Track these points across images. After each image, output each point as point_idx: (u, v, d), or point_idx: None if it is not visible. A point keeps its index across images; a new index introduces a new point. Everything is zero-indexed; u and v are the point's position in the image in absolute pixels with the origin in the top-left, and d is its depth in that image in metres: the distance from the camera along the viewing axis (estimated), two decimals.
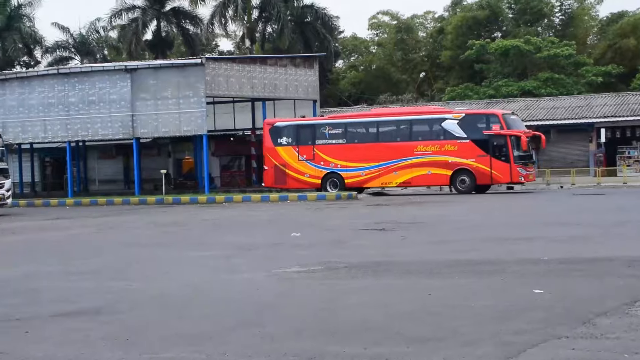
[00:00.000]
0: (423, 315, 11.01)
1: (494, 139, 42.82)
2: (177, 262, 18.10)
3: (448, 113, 44.97)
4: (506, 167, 42.58)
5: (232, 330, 10.51)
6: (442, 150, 43.72)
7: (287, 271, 15.95)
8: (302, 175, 46.81)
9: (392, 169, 44.85)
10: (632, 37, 77.57)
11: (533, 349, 8.99)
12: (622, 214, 27.69)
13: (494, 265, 15.52)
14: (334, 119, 48.44)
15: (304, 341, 9.78)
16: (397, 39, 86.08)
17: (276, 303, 12.48)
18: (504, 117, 43.40)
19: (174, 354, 9.40)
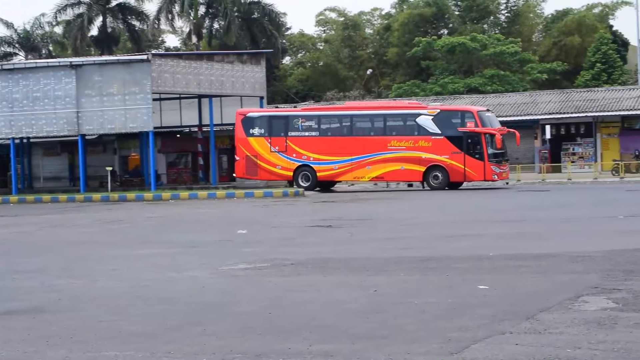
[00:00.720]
0: (369, 312, 11.01)
1: (468, 136, 42.58)
2: (122, 260, 17.96)
3: (423, 109, 44.51)
4: (480, 164, 42.34)
5: (177, 329, 10.45)
6: (416, 146, 43.35)
7: (233, 269, 15.91)
8: (273, 167, 46.28)
9: (364, 164, 44.45)
10: (576, 34, 78.25)
11: (477, 344, 9.03)
12: (566, 211, 27.97)
13: (440, 262, 15.59)
14: (308, 111, 48.05)
15: (250, 339, 9.75)
16: (344, 35, 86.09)
17: (222, 301, 12.44)
18: (479, 114, 43.12)
19: (118, 352, 9.32)
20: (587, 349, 8.66)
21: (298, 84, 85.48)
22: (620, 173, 50.41)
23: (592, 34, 76.71)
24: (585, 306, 10.95)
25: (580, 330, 9.53)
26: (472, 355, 8.59)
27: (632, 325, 9.72)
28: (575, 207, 29.79)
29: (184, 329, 10.41)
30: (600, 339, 9.07)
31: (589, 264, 14.63)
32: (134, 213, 34.34)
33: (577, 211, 27.58)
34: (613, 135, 56.19)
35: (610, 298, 11.41)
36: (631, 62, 78.41)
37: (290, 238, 21.59)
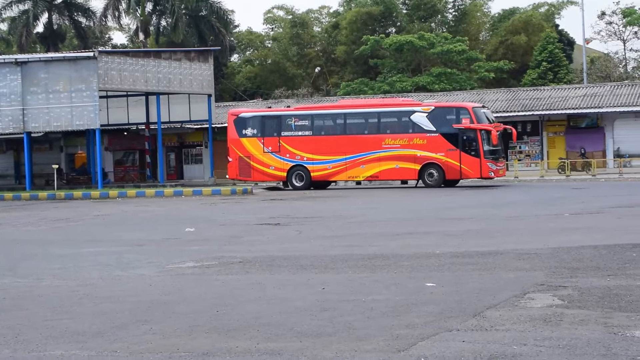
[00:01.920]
0: (316, 310, 11.01)
1: (463, 133, 42.07)
2: (69, 259, 17.80)
3: (417, 105, 43.92)
4: (476, 161, 41.93)
5: (123, 327, 10.37)
6: (411, 144, 42.88)
7: (180, 267, 15.84)
8: (267, 168, 45.66)
9: (359, 163, 43.95)
10: (523, 33, 78.87)
11: (424, 342, 9.06)
12: (513, 208, 28.18)
13: (388, 259, 15.63)
14: (301, 110, 47.23)
15: (196, 337, 9.70)
16: (293, 33, 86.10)
17: (169, 299, 12.36)
18: (474, 110, 42.57)
19: (64, 352, 9.23)
20: (533, 346, 8.72)
21: (246, 81, 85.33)
22: (567, 171, 50.94)
23: (538, 33, 77.37)
24: (531, 303, 11.03)
25: (526, 327, 9.60)
26: (419, 353, 8.61)
27: (577, 322, 9.80)
28: (522, 205, 30.02)
29: (130, 328, 10.33)
30: (545, 336, 9.14)
31: (535, 261, 14.74)
32: (81, 211, 34.06)
33: (523, 209, 27.79)
34: (559, 133, 56.70)
35: (556, 295, 11.49)
36: (577, 61, 79.20)
37: (238, 236, 21.55)
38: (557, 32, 79.59)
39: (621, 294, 11.45)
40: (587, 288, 11.93)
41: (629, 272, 13.20)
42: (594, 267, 13.77)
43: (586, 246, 16.37)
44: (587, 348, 8.58)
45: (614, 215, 24.16)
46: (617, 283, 12.27)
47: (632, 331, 9.26)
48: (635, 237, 17.63)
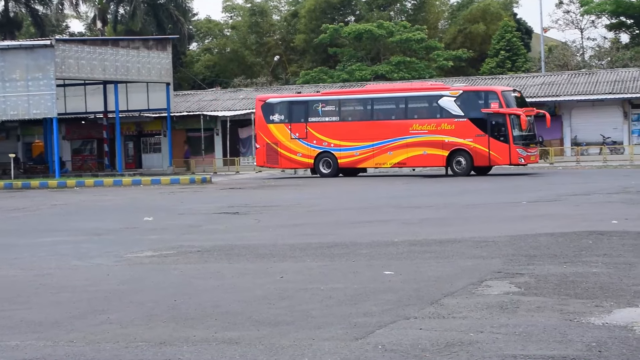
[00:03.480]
0: (275, 299, 11.00)
1: (492, 118, 40.47)
2: (25, 249, 17.67)
3: (445, 90, 42.39)
4: (505, 147, 40.31)
5: (80, 317, 10.30)
6: (439, 130, 41.49)
7: (138, 256, 15.78)
8: (294, 155, 44.66)
9: (386, 149, 42.68)
10: (481, 22, 79.20)
11: (381, 329, 9.08)
12: (471, 197, 28.31)
13: (346, 248, 15.65)
14: (328, 95, 45.99)
15: (154, 327, 9.66)
16: (251, 22, 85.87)
17: (127, 289, 12.31)
18: (504, 94, 40.84)
19: (19, 342, 9.15)
20: (490, 333, 8.77)
21: (205, 70, 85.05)
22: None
23: (496, 22, 77.73)
24: (488, 290, 11.09)
25: (483, 315, 9.65)
26: (376, 341, 8.63)
27: (534, 309, 9.86)
28: (480, 193, 30.18)
29: (87, 318, 10.27)
30: (502, 323, 9.19)
31: (493, 249, 14.82)
32: (38, 201, 33.84)
33: (481, 197, 27.94)
34: None
35: (513, 282, 11.56)
36: (535, 50, 79.67)
37: (196, 225, 21.50)
38: (515, 20, 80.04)
39: (577, 281, 11.54)
40: (544, 275, 12.01)
41: (585, 260, 13.30)
42: (551, 255, 13.87)
43: (543, 234, 16.48)
44: (543, 335, 8.64)
45: (571, 203, 24.34)
46: (574, 270, 12.37)
47: (588, 318, 9.33)
48: (591, 225, 17.77)
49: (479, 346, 8.28)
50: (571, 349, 8.08)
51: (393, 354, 8.13)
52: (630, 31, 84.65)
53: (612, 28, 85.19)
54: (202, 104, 63.06)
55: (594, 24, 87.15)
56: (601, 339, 8.40)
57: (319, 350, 8.36)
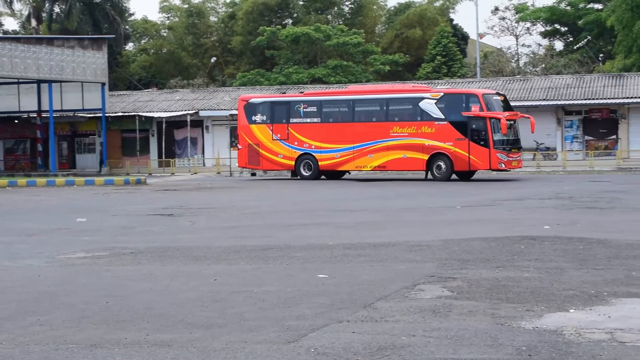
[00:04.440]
0: (208, 302, 10.95)
1: (473, 121, 39.27)
2: None
3: (426, 92, 41.23)
4: (485, 152, 39.12)
5: (10, 319, 10.16)
6: (419, 133, 40.41)
7: (71, 257, 15.61)
8: (275, 156, 43.77)
9: (366, 152, 41.76)
10: (418, 27, 79.73)
11: (314, 333, 9.08)
12: (407, 200, 28.45)
13: (281, 250, 15.63)
14: (310, 96, 44.85)
15: (85, 329, 9.56)
16: (188, 23, 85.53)
17: (58, 290, 12.17)
18: (484, 97, 39.60)
19: None
20: (422, 337, 8.81)
21: (141, 70, 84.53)
22: None
23: (433, 27, 78.33)
24: (421, 294, 11.14)
25: (416, 318, 9.69)
26: (309, 344, 8.62)
27: (466, 313, 9.93)
28: (415, 196, 30.34)
29: (17, 319, 10.13)
30: (434, 327, 9.24)
31: (426, 253, 14.89)
32: None
33: (416, 201, 28.09)
34: None
35: (446, 286, 11.63)
36: (470, 56, 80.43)
37: (130, 226, 21.34)
38: (451, 26, 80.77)
39: (509, 285, 11.64)
40: (476, 279, 12.10)
41: (517, 264, 13.42)
42: (484, 259, 13.98)
43: (476, 238, 16.61)
44: (475, 339, 8.70)
45: (504, 207, 24.56)
46: (506, 275, 12.48)
47: (519, 322, 9.42)
48: (524, 230, 17.95)
49: (411, 350, 8.31)
50: (502, 353, 8.15)
51: (325, 357, 8.13)
52: (565, 38, 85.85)
53: (546, 35, 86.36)
54: (138, 104, 62.68)
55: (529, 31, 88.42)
56: (531, 343, 8.48)
57: (252, 353, 8.34)
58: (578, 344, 8.48)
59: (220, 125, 59.78)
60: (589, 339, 8.67)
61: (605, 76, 57.61)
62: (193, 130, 59.32)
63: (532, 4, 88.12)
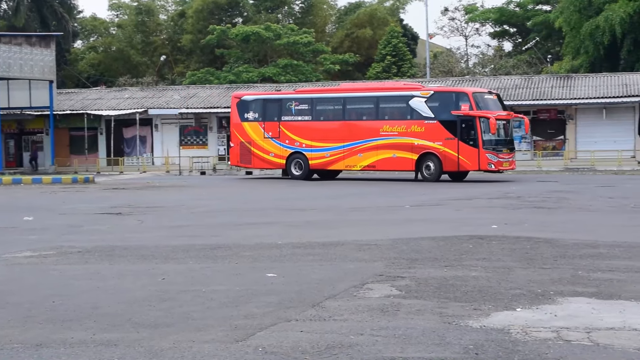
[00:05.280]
0: (156, 301, 10.89)
1: (462, 121, 38.23)
2: None
3: (417, 90, 40.20)
4: (474, 152, 38.08)
5: None
6: (408, 132, 39.39)
7: (16, 256, 15.44)
8: (267, 155, 42.86)
9: (356, 151, 40.84)
10: (368, 27, 79.95)
11: (262, 332, 9.06)
12: (356, 200, 28.51)
13: (229, 249, 15.58)
14: (301, 94, 44.24)
15: (30, 328, 9.46)
16: (138, 21, 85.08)
17: (3, 289, 12.02)
18: (475, 96, 38.61)
19: None
20: (370, 335, 8.82)
21: (90, 68, 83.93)
22: None
23: (383, 27, 78.61)
24: (369, 293, 11.15)
25: (364, 317, 9.70)
26: (256, 343, 8.60)
27: (414, 312, 9.96)
28: (365, 196, 30.41)
29: None
30: (382, 326, 9.25)
31: (375, 252, 14.92)
32: None
33: (366, 200, 28.14)
34: None
35: (394, 285, 11.66)
36: (420, 56, 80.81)
37: (77, 225, 21.17)
38: (401, 26, 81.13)
39: (457, 284, 11.69)
40: (425, 279, 12.14)
41: (465, 263, 13.49)
42: (432, 258, 14.03)
43: (425, 237, 16.67)
44: (422, 337, 8.73)
45: (453, 207, 24.70)
46: (453, 274, 12.54)
47: (466, 321, 9.46)
48: (472, 229, 18.05)
49: (359, 348, 8.32)
50: (449, 352, 8.18)
51: (273, 357, 8.12)
52: (513, 39, 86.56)
53: (495, 36, 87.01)
54: (86, 102, 62.24)
55: (479, 32, 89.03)
56: (478, 342, 8.53)
57: (199, 352, 8.30)
58: (524, 342, 8.54)
59: (169, 124, 59.54)
60: (536, 337, 8.73)
61: (553, 77, 58.13)
62: (142, 128, 59.03)
63: (482, 5, 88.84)
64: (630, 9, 60.76)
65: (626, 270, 12.84)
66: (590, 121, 53.23)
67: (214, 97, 60.26)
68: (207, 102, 59.51)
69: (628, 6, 60.84)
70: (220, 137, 58.52)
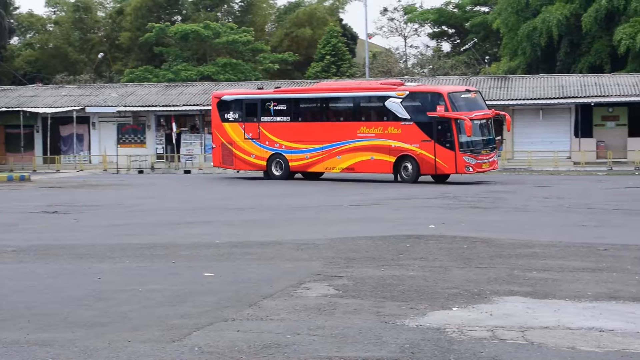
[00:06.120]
0: (91, 300, 10.81)
1: (438, 122, 36.21)
2: None
3: (393, 90, 38.08)
4: (450, 155, 36.07)
5: None
6: (386, 134, 37.47)
7: None
8: (248, 156, 41.14)
9: (335, 153, 38.94)
10: (307, 26, 79.93)
11: (199, 331, 9.03)
12: (296, 199, 28.50)
13: (167, 249, 15.51)
14: (280, 94, 42.06)
15: None
16: (75, 18, 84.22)
17: None
18: (450, 96, 36.60)
19: None
20: (306, 335, 8.83)
21: (26, 65, 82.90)
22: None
23: (322, 26, 78.63)
24: (307, 293, 11.17)
25: (301, 317, 9.71)
26: (193, 342, 8.58)
27: (351, 311, 9.99)
28: (305, 195, 30.42)
29: None
30: (319, 325, 9.27)
31: (313, 251, 14.94)
32: None
33: (306, 199, 28.15)
34: None
35: (332, 285, 11.69)
36: (359, 56, 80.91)
37: (12, 224, 20.93)
38: (341, 26, 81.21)
39: (394, 283, 11.74)
40: (362, 278, 12.18)
41: (402, 263, 13.56)
42: (369, 258, 14.08)
43: (363, 237, 16.72)
44: (359, 336, 8.75)
45: (391, 207, 24.77)
46: (391, 273, 12.59)
47: (403, 320, 9.51)
48: (409, 229, 18.12)
49: (295, 348, 8.32)
50: (385, 351, 8.21)
51: (209, 356, 8.09)
52: (452, 40, 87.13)
53: (434, 37, 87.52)
54: (22, 99, 61.48)
55: (417, 32, 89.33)
56: (414, 341, 8.57)
57: (135, 352, 8.25)
58: (460, 341, 8.60)
59: (107, 122, 59.02)
60: (471, 336, 8.80)
61: (491, 78, 58.55)
62: (79, 126, 58.44)
63: (421, 6, 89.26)
64: (567, 11, 61.44)
65: (561, 269, 12.99)
66: (527, 122, 53.71)
67: (152, 95, 59.85)
68: (146, 100, 59.08)
69: (565, 8, 61.51)
70: (159, 135, 58.14)
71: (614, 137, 52.64)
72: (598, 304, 10.47)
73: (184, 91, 59.97)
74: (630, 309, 10.20)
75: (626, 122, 52.93)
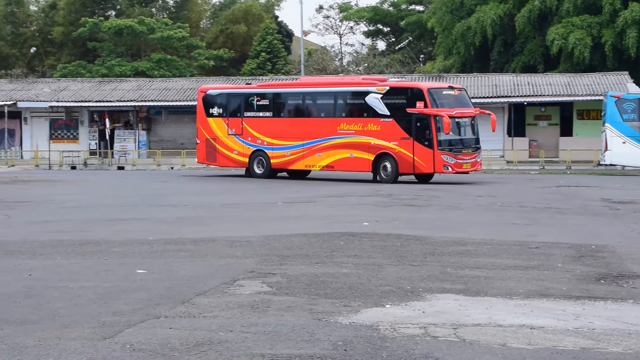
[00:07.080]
0: (21, 297, 10.67)
1: (417, 119, 34.99)
2: None
3: (373, 85, 36.87)
4: (429, 153, 34.84)
5: None
6: (365, 130, 36.39)
7: None
8: (231, 152, 40.15)
9: (315, 150, 37.84)
10: (243, 23, 79.82)
11: (130, 329, 8.96)
12: (230, 196, 28.44)
13: (98, 245, 15.37)
14: (261, 88, 41.01)
15: None
16: (7, 12, 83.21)
17: None
18: (430, 92, 35.35)
19: None
20: (239, 332, 8.80)
21: None
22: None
23: (258, 23, 78.60)
24: (240, 290, 11.14)
25: (234, 314, 9.68)
26: (124, 340, 8.50)
27: (284, 308, 9.98)
28: (240, 193, 30.35)
29: None
30: (252, 322, 9.25)
31: (247, 248, 14.91)
32: None
33: (240, 197, 28.09)
34: None
35: (265, 282, 11.67)
36: (295, 53, 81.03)
37: None
38: (276, 23, 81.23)
39: (328, 281, 11.76)
40: (296, 275, 12.18)
41: (336, 260, 13.58)
42: (303, 255, 14.08)
43: (297, 234, 16.72)
44: (292, 334, 8.75)
45: (325, 204, 24.81)
46: (324, 270, 12.60)
47: (336, 317, 9.52)
48: (344, 226, 18.16)
49: (228, 345, 8.29)
50: (318, 348, 8.21)
51: (141, 354, 8.03)
52: (387, 39, 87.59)
53: (369, 35, 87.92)
54: None
55: (353, 30, 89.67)
56: (347, 338, 8.59)
57: (65, 350, 8.16)
58: (393, 338, 8.63)
59: (39, 117, 58.42)
60: (404, 333, 8.84)
61: (426, 77, 58.94)
62: (10, 121, 57.74)
63: (356, 4, 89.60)
64: (501, 11, 62.08)
65: (493, 267, 13.10)
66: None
67: (86, 91, 59.35)
68: (79, 95, 58.58)
69: (499, 8, 62.15)
70: (92, 131, 57.66)
71: (546, 137, 53.33)
72: (529, 302, 10.57)
73: (117, 87, 59.59)
74: (561, 307, 10.31)
75: (558, 121, 53.71)
